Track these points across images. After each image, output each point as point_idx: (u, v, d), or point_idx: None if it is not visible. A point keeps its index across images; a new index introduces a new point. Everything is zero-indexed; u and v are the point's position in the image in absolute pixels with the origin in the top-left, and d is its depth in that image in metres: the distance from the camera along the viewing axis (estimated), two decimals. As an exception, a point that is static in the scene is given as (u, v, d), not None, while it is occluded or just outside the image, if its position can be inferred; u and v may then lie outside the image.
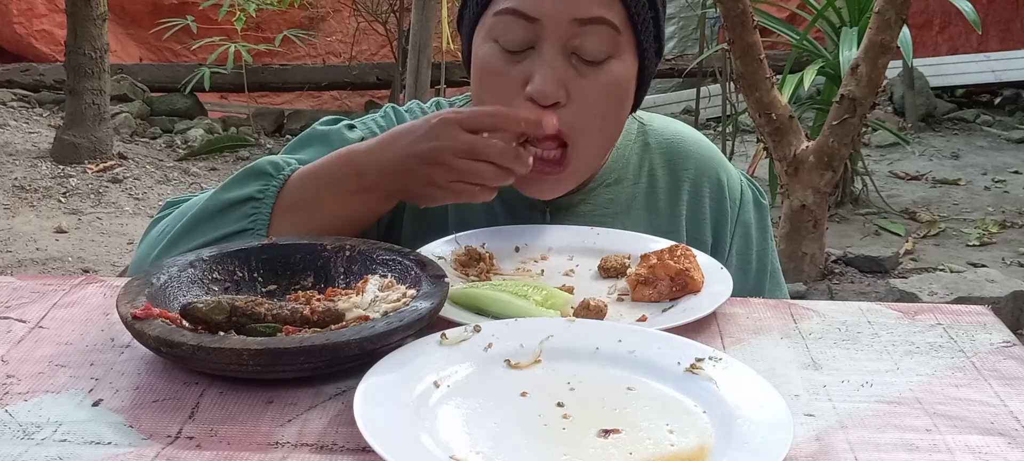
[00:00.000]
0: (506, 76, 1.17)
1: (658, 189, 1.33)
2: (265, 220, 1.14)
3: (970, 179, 6.17)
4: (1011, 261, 4.69)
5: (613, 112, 1.21)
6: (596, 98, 1.17)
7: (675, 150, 1.34)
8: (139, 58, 7.79)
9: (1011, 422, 0.88)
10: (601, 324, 1.01)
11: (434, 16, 4.64)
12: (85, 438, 0.81)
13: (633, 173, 1.32)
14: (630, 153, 1.33)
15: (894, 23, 3.27)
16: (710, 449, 0.82)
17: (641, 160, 1.33)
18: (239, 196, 1.15)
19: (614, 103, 1.20)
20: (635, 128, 1.35)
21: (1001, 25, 8.30)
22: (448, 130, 1.08)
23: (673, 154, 1.34)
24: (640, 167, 1.33)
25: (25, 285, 1.13)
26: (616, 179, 1.31)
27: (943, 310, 1.12)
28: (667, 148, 1.34)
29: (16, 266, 4.26)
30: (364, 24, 7.31)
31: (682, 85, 7.17)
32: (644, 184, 1.32)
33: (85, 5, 5.47)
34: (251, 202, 1.15)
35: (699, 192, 1.33)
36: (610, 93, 1.19)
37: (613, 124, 1.23)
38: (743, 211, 1.35)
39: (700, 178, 1.33)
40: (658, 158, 1.33)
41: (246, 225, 1.14)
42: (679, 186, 1.32)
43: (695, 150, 1.34)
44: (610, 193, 1.31)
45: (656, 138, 1.35)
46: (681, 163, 1.33)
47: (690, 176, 1.33)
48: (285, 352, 0.87)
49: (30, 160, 5.58)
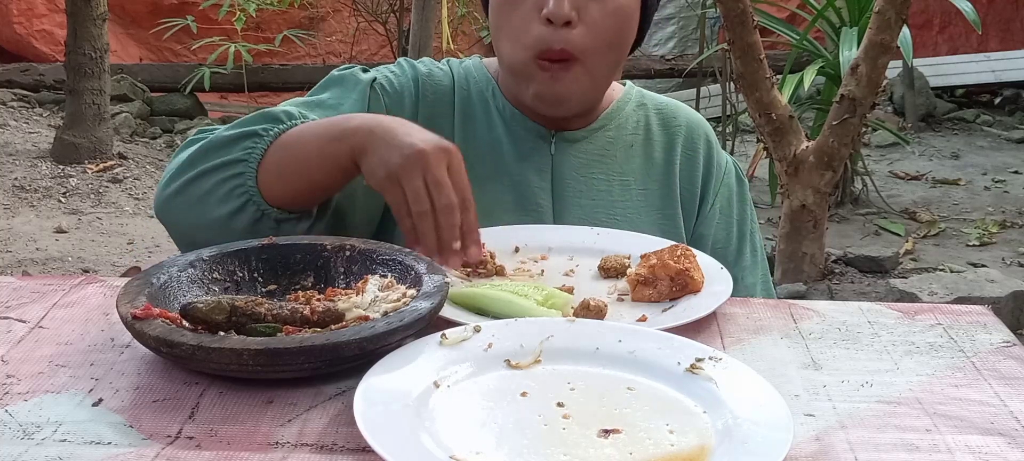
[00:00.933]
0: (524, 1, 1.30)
1: (654, 141, 1.44)
2: (259, 154, 1.19)
3: (970, 179, 6.18)
4: (1011, 261, 4.69)
5: (617, 38, 1.33)
6: (604, 22, 1.30)
7: (669, 112, 1.47)
8: (139, 58, 7.79)
9: (1011, 422, 0.88)
10: (601, 324, 1.01)
11: (434, 16, 4.64)
12: (85, 438, 0.81)
13: (632, 126, 1.44)
14: (629, 109, 1.45)
15: (894, 23, 3.26)
16: (710, 449, 0.82)
17: (638, 117, 1.45)
18: (245, 132, 1.21)
19: (619, 29, 1.32)
20: (634, 93, 1.48)
21: (1001, 25, 8.30)
22: (441, 156, 1.10)
23: (667, 115, 1.46)
24: (637, 122, 1.45)
25: (25, 285, 1.13)
26: (616, 125, 1.43)
27: (943, 310, 1.12)
28: (661, 110, 1.47)
29: (16, 266, 4.26)
30: (364, 24, 7.30)
31: (682, 85, 7.16)
32: (641, 136, 1.44)
33: (85, 5, 5.47)
34: (254, 137, 1.20)
35: (693, 147, 1.45)
36: (616, 18, 1.31)
37: (616, 49, 1.34)
38: (727, 177, 1.47)
39: (691, 135, 1.45)
40: (653, 116, 1.46)
41: (242, 155, 1.19)
42: (673, 141, 1.44)
43: (685, 113, 1.48)
44: (611, 136, 1.42)
45: (651, 101, 1.48)
46: (674, 122, 1.46)
47: (682, 132, 1.45)
48: (285, 352, 0.87)
49: (30, 160, 5.58)
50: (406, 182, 1.09)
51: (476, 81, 1.41)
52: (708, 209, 1.44)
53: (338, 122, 1.18)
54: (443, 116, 1.38)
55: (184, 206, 1.21)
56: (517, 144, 1.38)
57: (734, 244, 1.45)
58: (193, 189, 1.20)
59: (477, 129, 1.39)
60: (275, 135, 1.20)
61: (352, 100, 1.33)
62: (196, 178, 1.19)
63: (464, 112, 1.39)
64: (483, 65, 1.44)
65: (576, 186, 1.38)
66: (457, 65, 1.43)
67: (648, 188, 1.41)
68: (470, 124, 1.39)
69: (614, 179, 1.40)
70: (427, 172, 1.09)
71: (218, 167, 1.19)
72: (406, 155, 1.10)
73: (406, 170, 1.09)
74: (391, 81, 1.37)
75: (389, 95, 1.35)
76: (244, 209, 1.18)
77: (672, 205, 1.41)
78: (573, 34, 1.28)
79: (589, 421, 0.85)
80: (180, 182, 1.21)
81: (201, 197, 1.19)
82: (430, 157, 1.09)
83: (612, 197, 1.39)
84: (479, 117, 1.39)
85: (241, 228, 1.18)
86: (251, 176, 1.18)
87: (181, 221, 1.23)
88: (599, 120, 1.42)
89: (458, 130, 1.38)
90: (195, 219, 1.20)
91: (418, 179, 1.09)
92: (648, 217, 1.39)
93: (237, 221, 1.18)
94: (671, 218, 1.41)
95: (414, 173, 1.09)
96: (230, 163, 1.19)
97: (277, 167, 1.18)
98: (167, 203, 1.22)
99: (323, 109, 1.31)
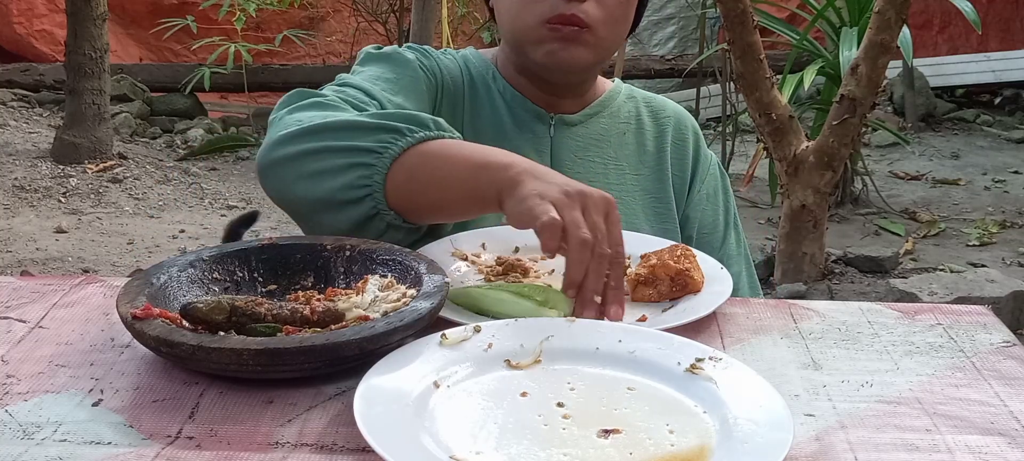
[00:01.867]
0: None
1: (645, 130, 1.50)
2: (396, 153, 1.13)
3: (970, 179, 6.18)
4: (1011, 261, 4.69)
5: (623, 14, 1.39)
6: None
7: (657, 105, 1.54)
8: (139, 58, 7.80)
9: (1011, 422, 0.88)
10: (601, 324, 1.01)
11: (434, 16, 4.64)
12: (85, 438, 0.81)
13: (624, 115, 1.50)
14: (620, 100, 1.51)
15: (894, 23, 3.26)
16: (710, 449, 0.82)
17: (629, 108, 1.51)
18: (385, 124, 1.15)
19: (625, 5, 1.38)
20: (623, 87, 1.54)
21: (1001, 25, 8.30)
22: (604, 203, 1.05)
23: (655, 106, 1.53)
24: (629, 113, 1.51)
25: (25, 285, 1.13)
26: (610, 113, 1.48)
27: (943, 310, 1.12)
28: (649, 102, 1.54)
29: (16, 266, 4.26)
30: (364, 24, 7.30)
31: (682, 85, 7.16)
32: (633, 125, 1.50)
33: (85, 5, 5.47)
34: (394, 133, 1.14)
35: (682, 137, 1.52)
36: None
37: (622, 21, 1.39)
38: (712, 167, 1.54)
39: (680, 125, 1.52)
40: (643, 108, 1.52)
41: (377, 147, 1.13)
42: (663, 131, 1.51)
43: (672, 106, 1.55)
44: (605, 123, 1.47)
45: (640, 95, 1.55)
46: (663, 113, 1.52)
47: (671, 123, 1.52)
48: (285, 352, 0.87)
49: (30, 160, 5.58)
50: (566, 211, 1.02)
51: (476, 66, 1.46)
52: (696, 193, 1.50)
53: (490, 152, 1.13)
54: (458, 98, 1.42)
55: (294, 175, 1.15)
56: (518, 125, 1.42)
57: (720, 230, 1.51)
58: (311, 162, 1.14)
59: (481, 109, 1.42)
60: (418, 140, 1.14)
61: (408, 78, 1.35)
62: (320, 152, 1.13)
63: (470, 95, 1.43)
64: (479, 53, 1.49)
65: (574, 168, 1.42)
66: (456, 53, 1.48)
67: (641, 173, 1.47)
68: (475, 106, 1.42)
69: (610, 163, 1.45)
70: (586, 212, 1.03)
71: (348, 150, 1.13)
72: (568, 192, 1.04)
73: (567, 205, 1.03)
74: (423, 63, 1.39)
75: (429, 76, 1.38)
76: (362, 203, 1.13)
77: (664, 190, 1.47)
78: (585, 4, 1.32)
79: (589, 421, 0.85)
80: (297, 149, 1.14)
81: (319, 173, 1.13)
82: (591, 198, 1.04)
83: (608, 179, 1.43)
84: (482, 98, 1.43)
85: (351, 219, 1.14)
86: (381, 171, 1.12)
87: (286, 187, 1.16)
88: (593, 106, 1.47)
89: (468, 112, 1.42)
90: (305, 191, 1.15)
91: (578, 212, 1.03)
92: (642, 200, 1.45)
93: (351, 211, 1.14)
94: (664, 202, 1.47)
95: (574, 207, 1.03)
96: (362, 150, 1.13)
97: (411, 172, 1.13)
98: (275, 166, 1.16)
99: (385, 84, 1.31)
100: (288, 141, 1.15)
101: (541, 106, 1.43)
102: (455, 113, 1.40)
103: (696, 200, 1.50)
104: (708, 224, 1.50)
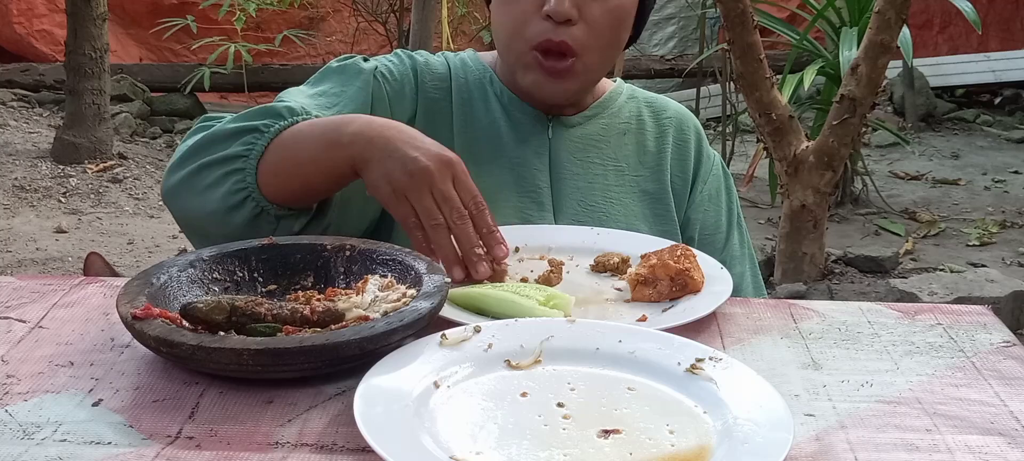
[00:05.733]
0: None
1: (646, 131, 1.49)
2: (259, 151, 1.19)
3: (970, 179, 6.17)
4: (1011, 261, 4.69)
5: (615, 34, 1.37)
6: (603, 20, 1.34)
7: (659, 105, 1.53)
8: (139, 58, 7.79)
9: (1011, 422, 0.88)
10: (601, 324, 1.01)
11: (434, 16, 4.64)
12: (85, 438, 0.81)
13: (625, 115, 1.49)
14: (621, 101, 1.50)
15: (894, 23, 3.26)
16: (710, 449, 0.82)
17: (630, 109, 1.50)
18: (247, 127, 1.22)
19: (617, 26, 1.37)
20: (625, 87, 1.53)
21: (1001, 25, 8.29)
22: (446, 170, 1.12)
23: (657, 107, 1.52)
24: (630, 113, 1.50)
25: (25, 285, 1.13)
26: (610, 114, 1.48)
27: (943, 310, 1.12)
28: (651, 103, 1.53)
29: (16, 266, 4.26)
30: (364, 24, 7.30)
31: (682, 85, 7.16)
32: (634, 125, 1.49)
33: (85, 5, 5.47)
34: (255, 133, 1.21)
35: (684, 137, 1.50)
36: (615, 16, 1.36)
37: (614, 45, 1.39)
38: (715, 168, 1.53)
39: (681, 126, 1.51)
40: (644, 108, 1.51)
41: (242, 150, 1.20)
42: (664, 131, 1.49)
43: (675, 107, 1.54)
44: (604, 123, 1.47)
45: (641, 96, 1.54)
46: (664, 114, 1.51)
47: (673, 124, 1.50)
48: (285, 352, 0.87)
49: (30, 160, 5.58)
50: (415, 200, 1.11)
51: (473, 70, 1.45)
52: (698, 194, 1.49)
53: (336, 126, 1.18)
54: (442, 103, 1.41)
55: (187, 196, 1.22)
56: (515, 127, 1.42)
57: (723, 230, 1.50)
58: (196, 180, 1.21)
59: (476, 114, 1.42)
60: (275, 132, 1.20)
61: (355, 88, 1.35)
62: (199, 170, 1.21)
63: (462, 99, 1.42)
64: (478, 56, 1.48)
65: (573, 168, 1.42)
66: (452, 56, 1.47)
67: (641, 174, 1.46)
68: (469, 109, 1.42)
69: (609, 164, 1.44)
70: (433, 188, 1.11)
71: (220, 160, 1.20)
72: (410, 172, 1.11)
73: (413, 189, 1.11)
74: (391, 70, 1.39)
75: (391, 83, 1.38)
76: (243, 205, 1.19)
77: (663, 191, 1.46)
78: (573, 30, 1.32)
79: (589, 421, 0.85)
80: (184, 172, 1.22)
81: (203, 189, 1.20)
82: (435, 173, 1.11)
83: (607, 181, 1.43)
84: (477, 102, 1.42)
85: (241, 222, 1.19)
86: (251, 172, 1.19)
87: (184, 209, 1.24)
88: (592, 108, 1.47)
89: (457, 117, 1.41)
90: (197, 209, 1.22)
91: (426, 196, 1.10)
92: (641, 201, 1.44)
93: (237, 216, 1.19)
94: (663, 203, 1.45)
95: (421, 190, 1.10)
96: (231, 158, 1.20)
97: (275, 166, 1.19)
98: (171, 191, 1.24)
99: (326, 99, 1.32)
100: (175, 168, 1.23)
101: (540, 108, 1.43)
102: (436, 118, 1.39)
103: (697, 201, 1.49)
104: (710, 225, 1.49)
